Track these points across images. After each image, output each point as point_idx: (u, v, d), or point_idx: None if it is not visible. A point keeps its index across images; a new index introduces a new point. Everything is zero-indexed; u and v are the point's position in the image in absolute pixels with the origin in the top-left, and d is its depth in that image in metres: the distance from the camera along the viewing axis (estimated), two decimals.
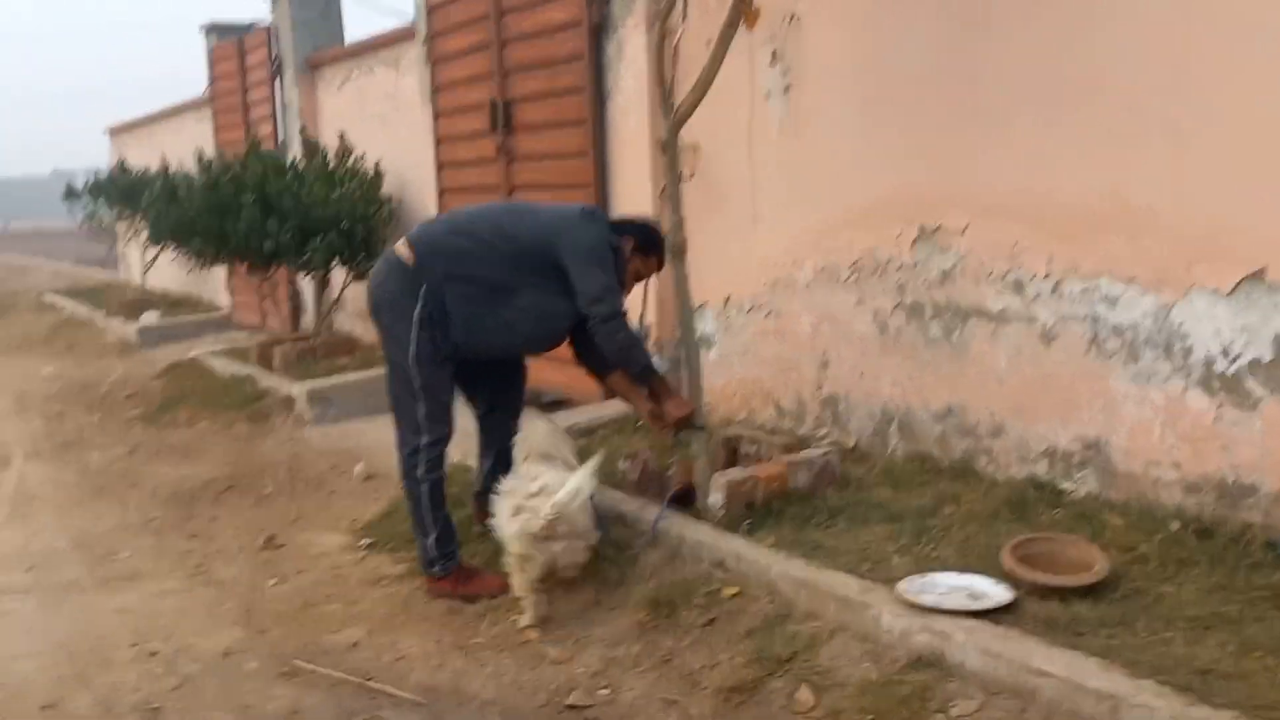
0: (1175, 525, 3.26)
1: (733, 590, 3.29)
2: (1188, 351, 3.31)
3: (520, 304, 3.64)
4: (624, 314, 3.62)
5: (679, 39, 4.68)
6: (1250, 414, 3.19)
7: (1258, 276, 3.12)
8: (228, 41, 10.10)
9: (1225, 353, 3.22)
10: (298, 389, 6.53)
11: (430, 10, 6.65)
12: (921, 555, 3.26)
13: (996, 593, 2.90)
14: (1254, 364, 3.16)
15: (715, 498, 3.69)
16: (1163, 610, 2.81)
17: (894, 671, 2.74)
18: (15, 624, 3.80)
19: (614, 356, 3.69)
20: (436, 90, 6.72)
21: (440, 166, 6.79)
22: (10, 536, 4.78)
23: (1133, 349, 3.44)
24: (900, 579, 3.01)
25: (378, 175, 7.42)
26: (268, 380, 7.01)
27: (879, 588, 3.00)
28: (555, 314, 3.67)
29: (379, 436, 5.69)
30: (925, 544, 3.34)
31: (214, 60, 10.41)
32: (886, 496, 3.80)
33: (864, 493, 3.86)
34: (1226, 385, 3.23)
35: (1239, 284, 3.16)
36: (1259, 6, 3.05)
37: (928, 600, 2.86)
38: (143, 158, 12.22)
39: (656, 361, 5.27)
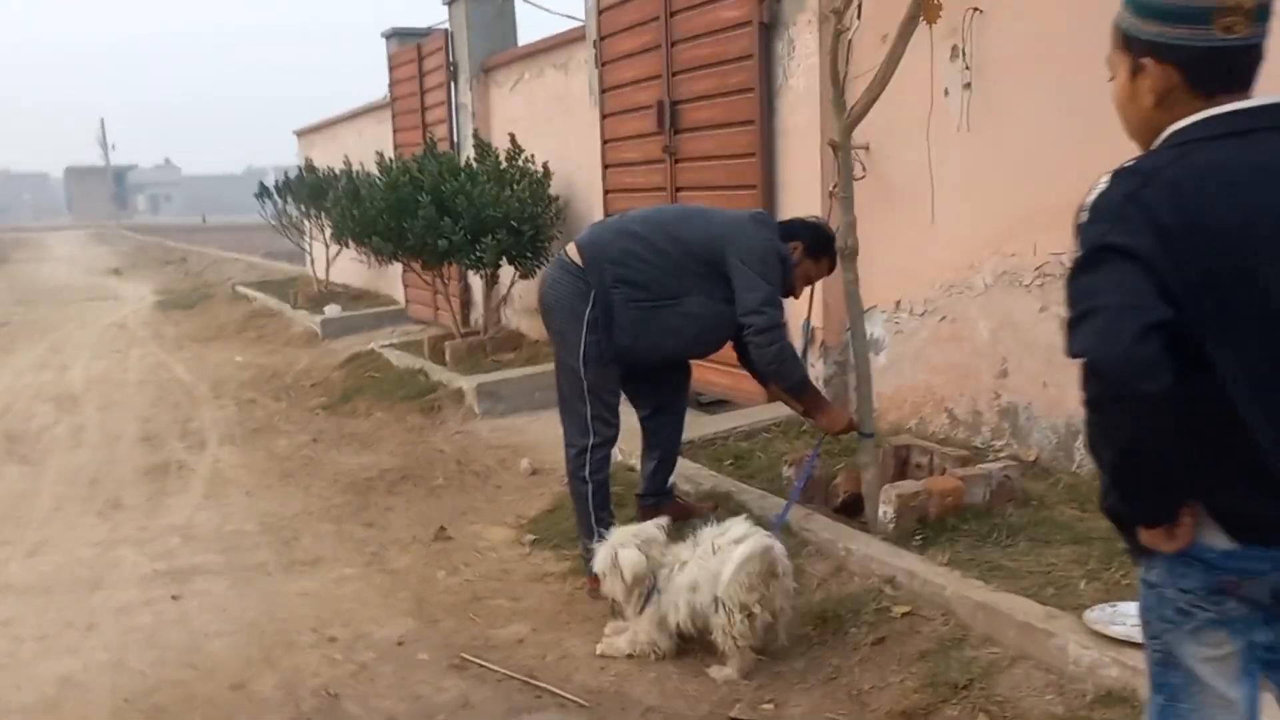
0: None
1: (904, 609, 3.17)
2: None
3: (686, 309, 3.62)
4: (782, 327, 3.56)
5: (853, 35, 4.56)
6: None
7: None
8: (407, 46, 10.48)
9: None
10: (467, 383, 6.72)
11: (601, 12, 6.71)
12: (1111, 581, 3.06)
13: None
14: None
15: (885, 510, 3.59)
16: None
17: (1081, 706, 2.58)
18: (210, 604, 4.03)
19: (766, 369, 3.64)
20: (604, 91, 6.78)
21: (606, 167, 6.85)
22: (207, 518, 5.09)
23: None
24: (1088, 606, 2.83)
25: (546, 175, 7.56)
26: (439, 374, 7.24)
27: (1064, 615, 2.84)
28: (721, 320, 3.63)
29: (544, 431, 5.82)
30: (1115, 569, 3.13)
31: (393, 64, 10.82)
32: (1072, 516, 3.59)
33: (1046, 511, 3.66)
34: None
35: None
36: None
37: (1118, 631, 2.68)
38: (327, 158, 12.84)
39: (818, 367, 5.19)
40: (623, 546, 3.29)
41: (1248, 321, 1.52)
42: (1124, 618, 2.76)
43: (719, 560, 3.09)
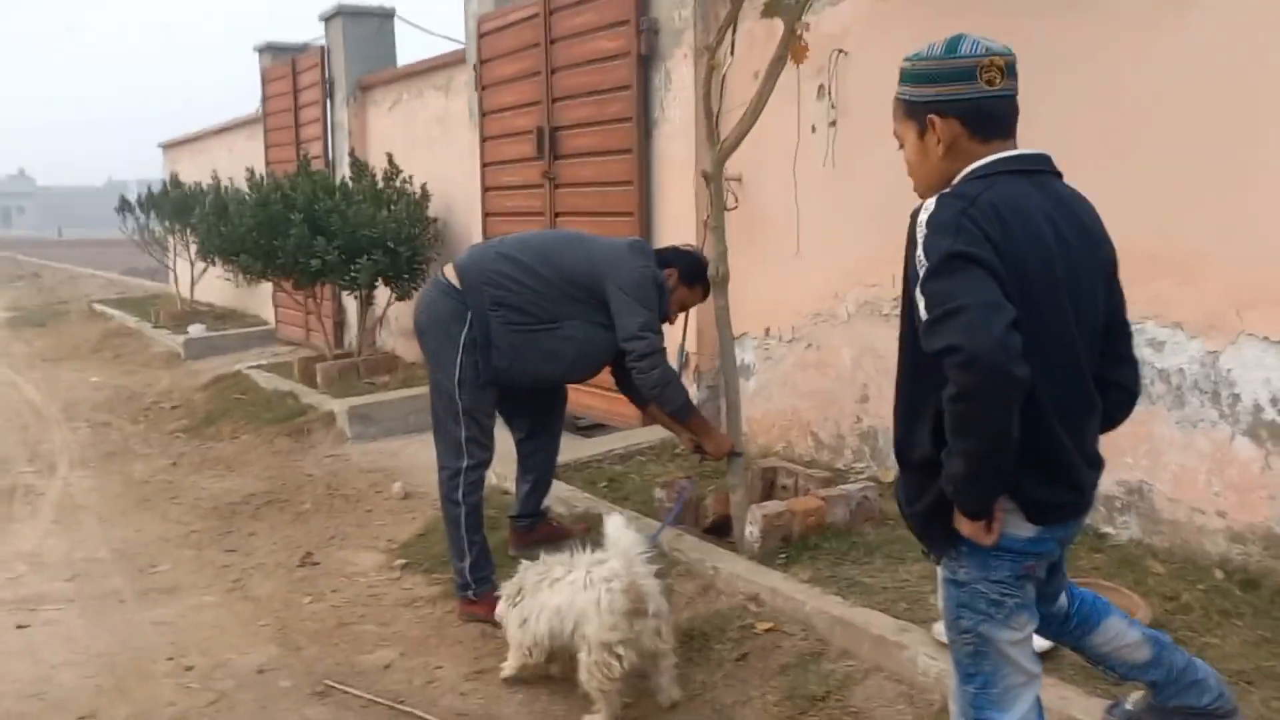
0: (1219, 575, 3.21)
1: (767, 625, 3.27)
2: (1235, 399, 3.26)
3: (564, 334, 3.66)
4: (662, 352, 3.63)
5: (727, 71, 4.71)
6: None
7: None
8: (281, 61, 10.28)
9: (1275, 401, 3.17)
10: (339, 406, 6.60)
11: (481, 36, 6.74)
12: None
13: (1035, 639, 2.85)
14: None
15: (751, 530, 3.68)
16: (1205, 662, 2.75)
17: (929, 715, 2.71)
18: (58, 633, 3.86)
19: (649, 394, 3.70)
20: (484, 115, 6.80)
21: (486, 190, 6.86)
22: (55, 545, 4.87)
23: (1179, 394, 3.40)
24: (937, 619, 2.97)
25: (424, 197, 7.52)
26: (310, 396, 7.09)
27: (915, 628, 2.98)
28: (598, 345, 3.69)
29: (418, 455, 5.76)
30: None
31: (267, 79, 10.60)
32: None
33: (902, 530, 3.77)
34: (1275, 434, 3.17)
35: None
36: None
37: None
38: (195, 173, 12.46)
39: (694, 394, 5.29)
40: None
41: (1043, 329, 1.79)
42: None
43: (588, 597, 2.95)
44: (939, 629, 2.91)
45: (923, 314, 1.72)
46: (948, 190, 1.85)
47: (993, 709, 1.93)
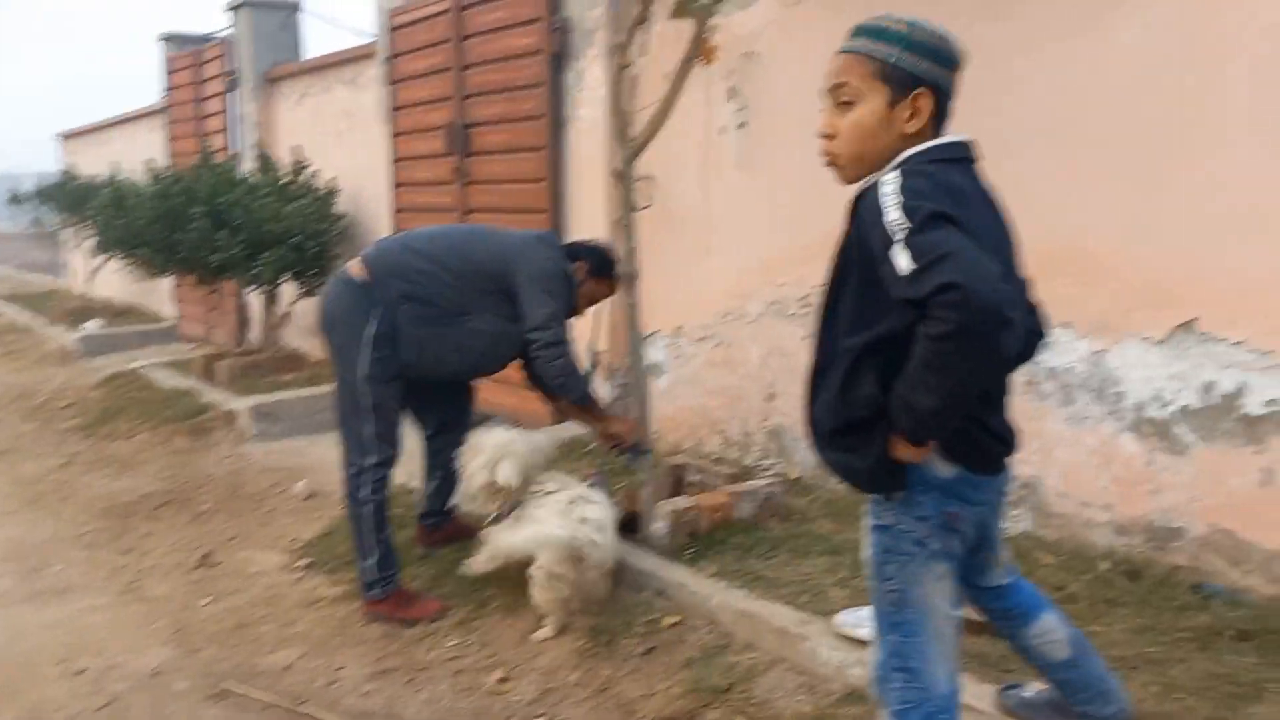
0: (1105, 566, 3.34)
1: (673, 619, 3.30)
2: (1120, 396, 3.40)
3: (472, 327, 3.64)
4: (565, 343, 3.64)
5: (638, 71, 4.73)
6: (1179, 459, 3.28)
7: (1189, 326, 3.22)
8: (185, 51, 10.01)
9: (1157, 399, 3.31)
10: (241, 404, 6.45)
11: (392, 30, 6.66)
12: (860, 588, 3.28)
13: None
14: (1184, 410, 3.25)
15: (659, 526, 3.71)
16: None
17: (829, 705, 2.76)
18: None
19: (551, 384, 3.71)
20: (395, 110, 6.72)
21: (396, 186, 6.78)
22: None
23: (1068, 392, 3.53)
24: (838, 611, 3.04)
25: (332, 192, 7.39)
26: (211, 394, 6.91)
27: (817, 620, 3.04)
28: (507, 338, 3.67)
29: (323, 454, 5.66)
30: (864, 577, 3.37)
31: (170, 70, 10.30)
32: (828, 529, 3.84)
33: (806, 525, 3.90)
34: (1157, 430, 3.32)
35: (1172, 333, 3.26)
36: (1213, 63, 3.16)
37: (864, 634, 2.89)
38: (94, 165, 12.04)
39: (603, 389, 5.31)
40: (508, 458, 3.49)
41: None
42: (868, 621, 2.98)
43: (560, 525, 3.35)
44: (840, 620, 2.98)
45: (905, 266, 1.70)
46: (907, 168, 1.85)
47: (916, 657, 2.00)
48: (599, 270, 3.87)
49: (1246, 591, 3.12)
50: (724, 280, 4.79)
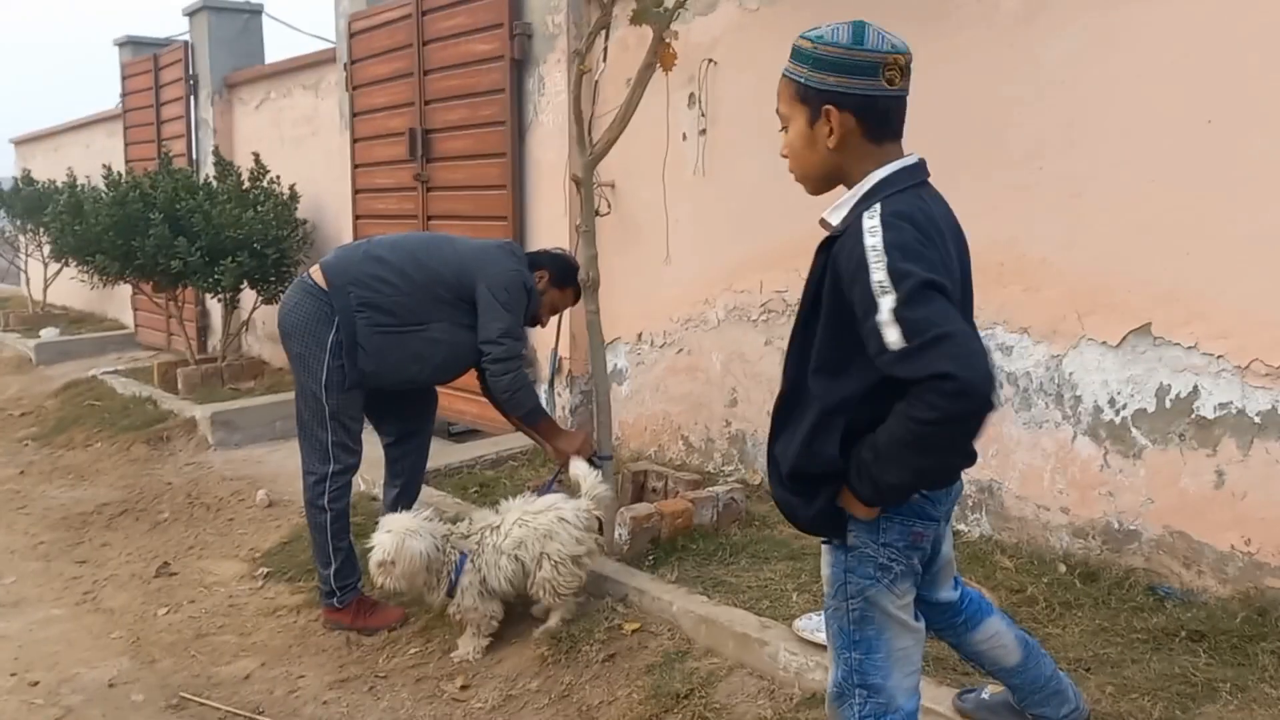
0: (1062, 568, 3.38)
1: (634, 626, 3.30)
2: (1077, 400, 3.44)
3: (431, 335, 3.62)
4: (519, 358, 3.65)
5: (599, 77, 4.75)
6: (1134, 462, 3.33)
7: (1144, 330, 3.27)
8: (142, 56, 9.89)
9: (1112, 402, 3.36)
10: (200, 412, 6.38)
11: (352, 35, 6.61)
12: (820, 593, 3.27)
13: None
14: (1139, 414, 3.30)
15: (620, 532, 3.71)
16: (1048, 651, 2.87)
17: (788, 709, 2.77)
18: None
19: (500, 397, 3.70)
20: (355, 116, 6.67)
21: (356, 193, 6.73)
22: None
23: (1026, 396, 3.57)
24: (798, 616, 3.05)
25: (293, 198, 7.33)
26: (170, 402, 6.83)
27: (777, 625, 3.05)
28: (466, 347, 3.66)
29: (284, 462, 5.61)
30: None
31: (126, 74, 10.17)
32: (789, 534, 3.84)
33: (767, 530, 3.91)
34: (1113, 434, 3.37)
35: (1126, 337, 3.31)
36: (1151, 66, 3.21)
37: (822, 638, 2.89)
38: (49, 170, 11.86)
39: (567, 399, 5.31)
40: (411, 535, 3.31)
41: None
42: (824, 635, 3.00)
43: (547, 520, 3.34)
44: (799, 625, 2.99)
45: (895, 340, 1.65)
46: (883, 208, 1.78)
47: (877, 674, 1.96)
48: (561, 279, 3.87)
49: (1200, 592, 3.17)
50: (685, 287, 4.80)
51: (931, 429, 1.66)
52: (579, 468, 3.57)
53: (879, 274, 1.69)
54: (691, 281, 4.77)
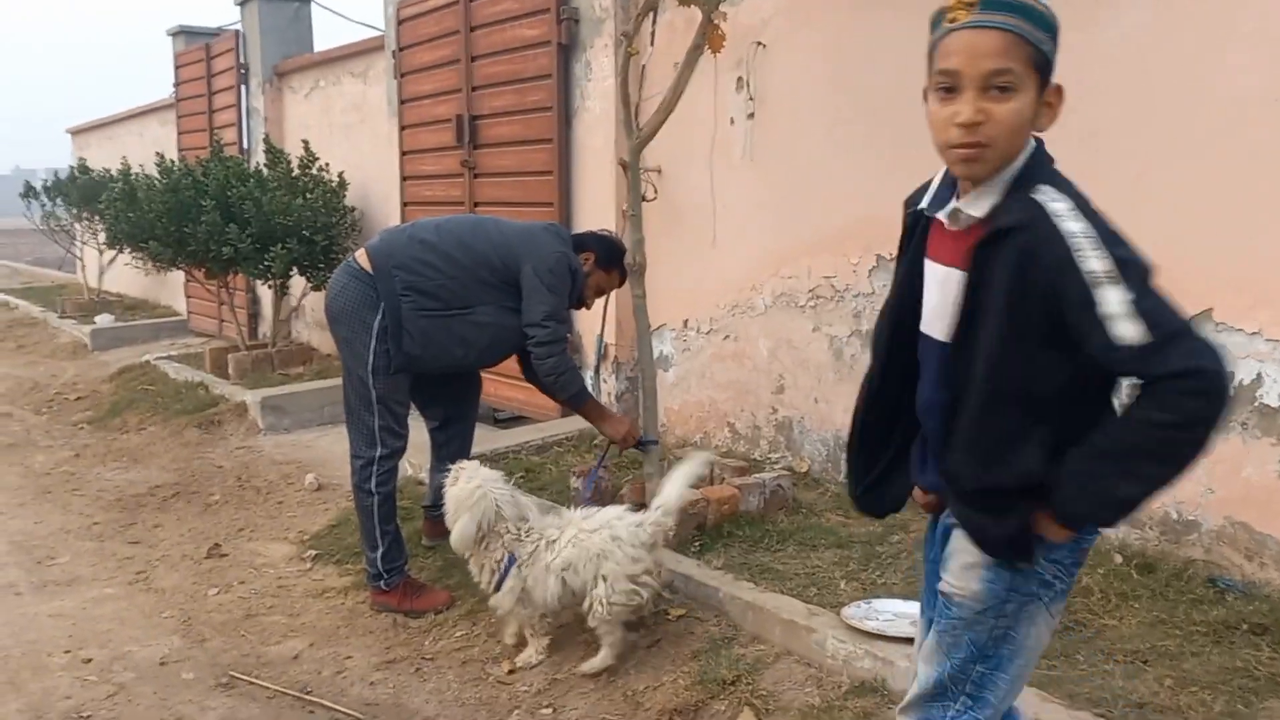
0: (1119, 559, 3.30)
1: (680, 611, 3.28)
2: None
3: (477, 319, 3.62)
4: (563, 341, 3.62)
5: (646, 61, 4.71)
6: None
7: (1205, 316, 3.17)
8: (195, 45, 10.02)
9: None
10: (251, 397, 6.45)
11: (400, 23, 6.64)
12: (869, 581, 3.27)
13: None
14: None
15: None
16: (1103, 643, 2.83)
17: (836, 697, 2.74)
18: None
19: (544, 380, 3.68)
20: (403, 103, 6.70)
21: (404, 179, 6.76)
22: None
23: None
24: (846, 604, 3.02)
25: (342, 185, 7.38)
26: (221, 387, 6.92)
27: (825, 613, 3.01)
28: (512, 331, 3.65)
29: (332, 447, 5.66)
30: (873, 570, 3.35)
31: (180, 64, 10.31)
32: (837, 522, 3.81)
33: (815, 518, 3.87)
34: None
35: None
36: (1217, 42, 3.12)
37: (871, 626, 2.87)
38: (104, 159, 12.06)
39: (613, 385, 5.29)
40: (470, 504, 3.20)
41: None
42: (877, 613, 2.97)
43: (600, 537, 3.09)
44: (848, 613, 2.95)
45: (1134, 336, 1.48)
46: (1060, 189, 1.62)
47: (993, 692, 1.79)
48: (607, 261, 3.84)
49: (1263, 585, 3.08)
50: (732, 272, 4.76)
51: (1178, 433, 1.50)
52: (676, 478, 3.21)
53: (1095, 262, 1.52)
54: (739, 267, 4.73)
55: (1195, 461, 1.53)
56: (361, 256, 3.67)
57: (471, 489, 3.24)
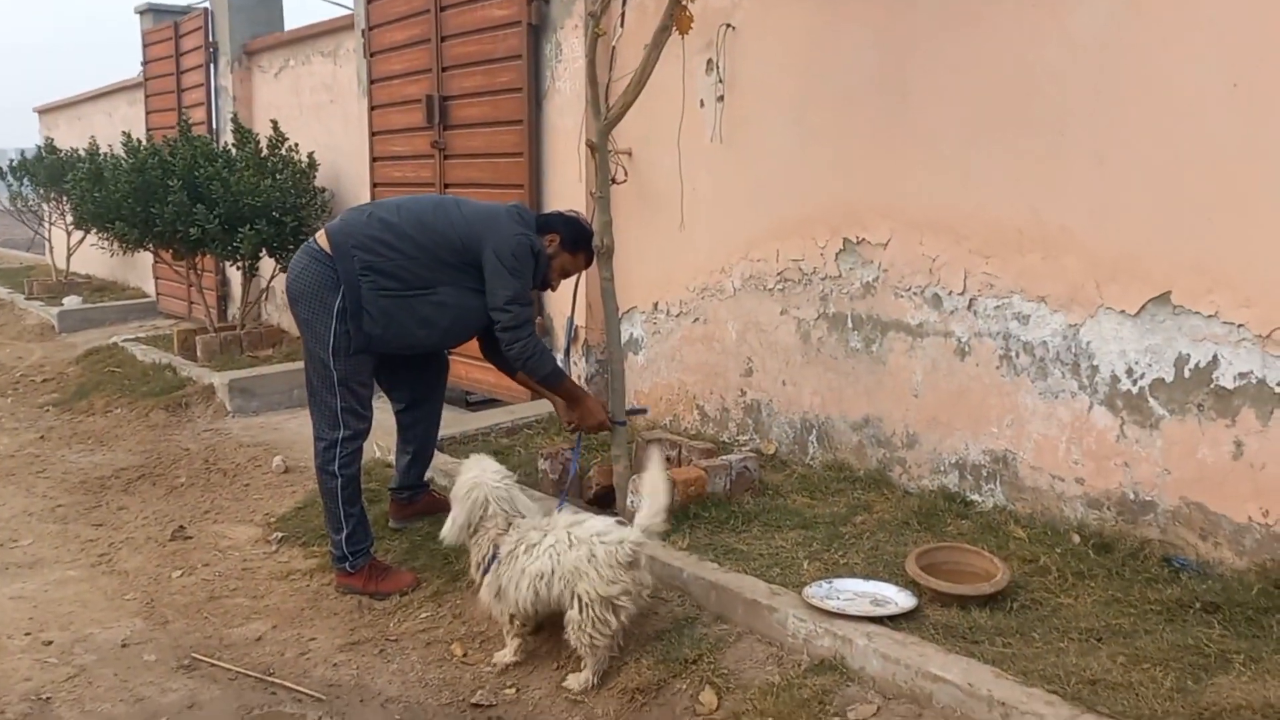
0: (1076, 539, 3.34)
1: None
2: (1094, 370, 3.39)
3: (437, 299, 3.60)
4: (528, 324, 3.60)
5: (616, 42, 4.70)
6: (1151, 433, 3.28)
7: (1163, 299, 3.21)
8: (163, 23, 9.89)
9: (1130, 372, 3.31)
10: (219, 379, 6.41)
11: (370, 1, 6.57)
12: (831, 561, 3.29)
13: (899, 599, 2.94)
14: (1156, 384, 3.25)
15: (633, 500, 3.69)
16: (1059, 621, 2.87)
17: (796, 675, 2.76)
18: None
19: (515, 363, 3.68)
20: (373, 83, 6.65)
21: (374, 160, 6.71)
22: None
23: (1042, 366, 3.52)
24: (808, 584, 3.04)
25: (311, 166, 7.32)
26: (189, 369, 6.87)
27: (787, 592, 3.03)
28: (472, 311, 3.63)
29: (300, 429, 5.63)
30: (836, 550, 3.38)
31: (148, 42, 10.17)
32: (802, 503, 3.83)
33: (780, 499, 3.89)
34: (1130, 404, 3.32)
35: (1145, 305, 3.25)
36: (1177, 31, 3.14)
37: (832, 605, 2.89)
38: (72, 139, 11.91)
39: (583, 368, 5.29)
40: (469, 488, 3.19)
41: None
42: (838, 593, 2.99)
43: (578, 554, 2.96)
44: (809, 592, 2.97)
45: None
46: None
47: None
48: (573, 242, 3.82)
49: (1216, 564, 3.12)
50: (701, 255, 4.76)
51: None
52: (650, 488, 3.06)
53: None
54: (708, 250, 4.73)
55: None
56: (321, 237, 3.64)
57: (467, 480, 3.22)
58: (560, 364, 5.31)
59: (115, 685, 3.13)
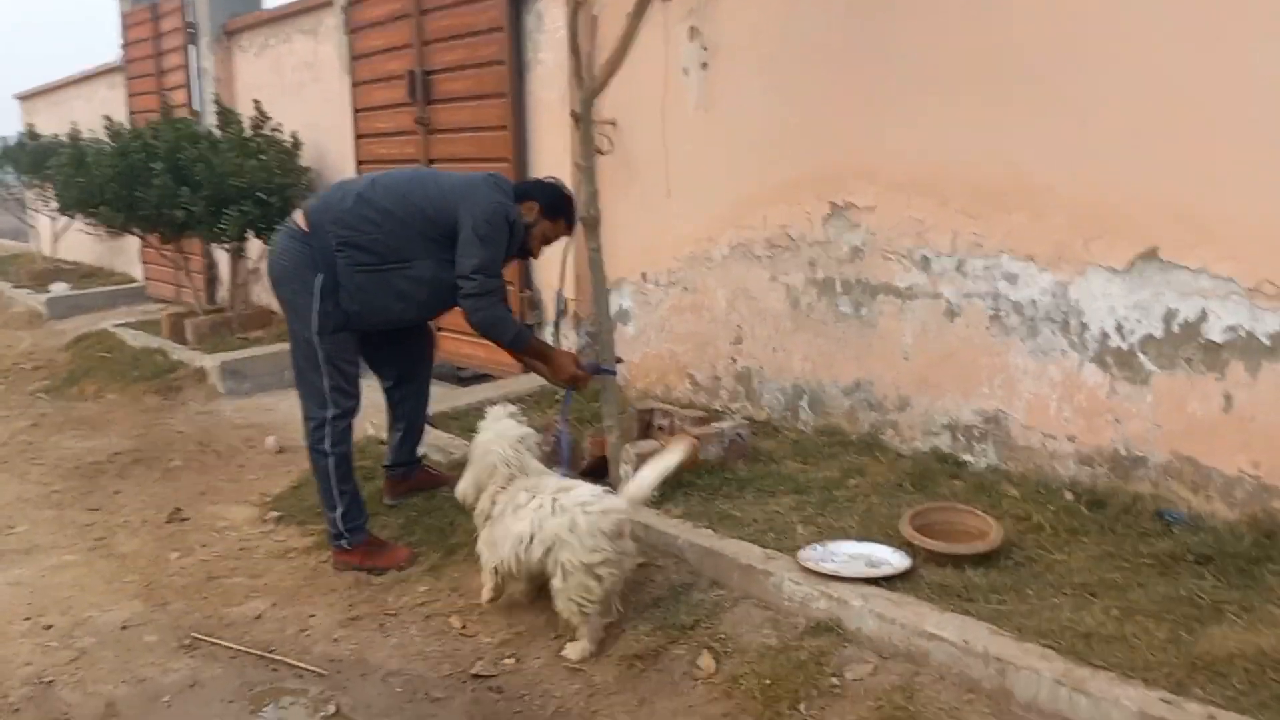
0: (1069, 496, 3.36)
1: (640, 560, 3.29)
2: (1083, 328, 3.40)
3: (414, 273, 3.57)
4: (493, 293, 3.53)
5: (597, 11, 4.65)
6: (1141, 388, 3.29)
7: (1151, 254, 3.21)
8: (141, 5, 9.77)
9: (1119, 329, 3.32)
10: (210, 361, 6.40)
11: None
12: (825, 525, 3.31)
13: (894, 560, 2.96)
14: (1146, 340, 3.26)
15: (626, 469, 3.70)
16: (1053, 577, 2.89)
17: (793, 638, 2.78)
18: None
19: (477, 331, 3.64)
20: (355, 59, 6.60)
21: (359, 138, 6.67)
22: None
23: (1032, 325, 3.53)
24: (803, 548, 3.05)
25: (296, 145, 7.27)
26: (179, 353, 6.85)
27: (782, 556, 3.05)
28: (448, 283, 3.57)
29: (293, 409, 5.54)
30: (830, 514, 3.40)
31: (127, 25, 10.06)
32: (795, 469, 3.85)
33: (773, 465, 3.90)
34: (1120, 360, 3.33)
35: (1133, 262, 3.26)
36: None
37: (827, 568, 2.91)
38: (53, 125, 11.80)
39: (574, 340, 5.28)
40: (488, 444, 3.21)
41: None
42: (833, 555, 3.01)
43: (559, 521, 2.95)
44: (804, 555, 2.99)
45: None
46: None
47: None
48: (552, 209, 3.79)
49: (1208, 517, 3.15)
50: (688, 223, 4.75)
51: None
52: (647, 473, 3.07)
53: None
54: (695, 218, 4.72)
55: None
56: (299, 216, 3.62)
57: (483, 442, 3.26)
58: (550, 338, 5.34)
59: (117, 667, 3.14)
